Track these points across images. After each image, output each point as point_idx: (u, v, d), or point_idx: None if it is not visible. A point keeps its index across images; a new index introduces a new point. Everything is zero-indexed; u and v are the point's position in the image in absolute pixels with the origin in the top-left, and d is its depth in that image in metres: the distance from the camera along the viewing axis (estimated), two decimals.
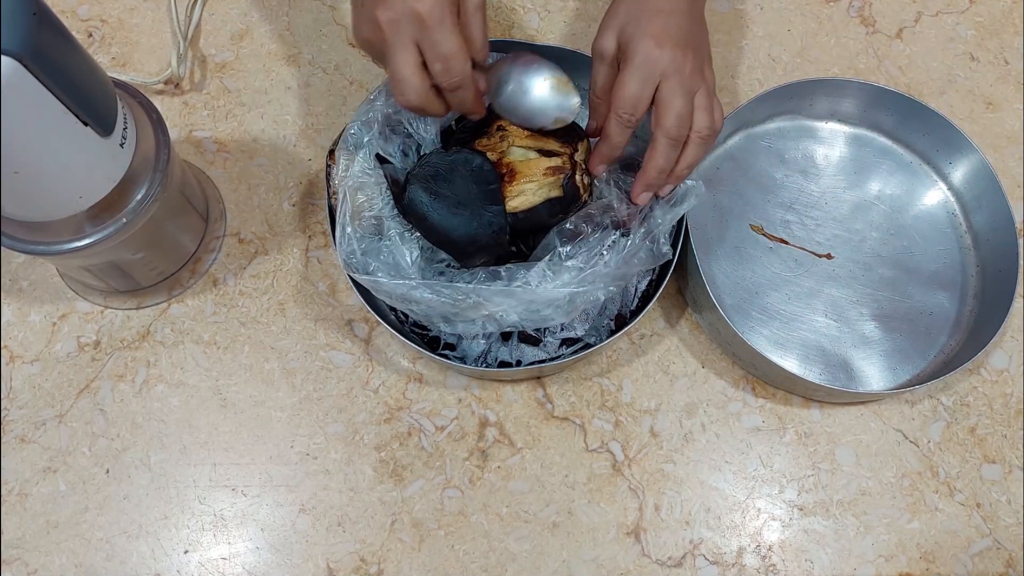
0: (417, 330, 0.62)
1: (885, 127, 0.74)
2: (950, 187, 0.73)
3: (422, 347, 0.60)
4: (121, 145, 0.53)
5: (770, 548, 0.62)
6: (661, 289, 0.61)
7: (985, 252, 0.70)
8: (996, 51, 0.80)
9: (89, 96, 0.49)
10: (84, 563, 0.60)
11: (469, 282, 0.55)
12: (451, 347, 0.61)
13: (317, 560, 0.61)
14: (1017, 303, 0.68)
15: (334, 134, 0.65)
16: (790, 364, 0.66)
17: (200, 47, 0.76)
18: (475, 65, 0.53)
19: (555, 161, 0.58)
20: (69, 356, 0.65)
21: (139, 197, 0.56)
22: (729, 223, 0.70)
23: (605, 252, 0.55)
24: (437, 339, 0.62)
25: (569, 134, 0.59)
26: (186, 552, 0.61)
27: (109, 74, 0.53)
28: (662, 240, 0.58)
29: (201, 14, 0.77)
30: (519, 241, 0.62)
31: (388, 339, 0.67)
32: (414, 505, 0.62)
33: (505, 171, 0.58)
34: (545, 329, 0.60)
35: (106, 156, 0.52)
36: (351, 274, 0.56)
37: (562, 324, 0.60)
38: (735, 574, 0.62)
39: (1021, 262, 0.65)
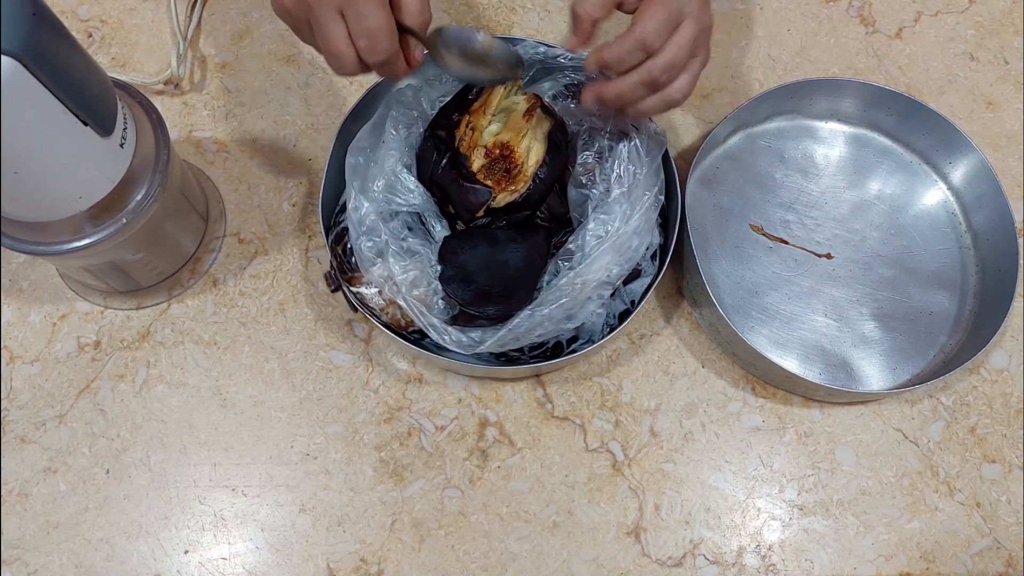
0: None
1: (885, 127, 0.74)
2: (950, 187, 0.73)
3: (421, 347, 0.60)
4: (121, 145, 0.53)
5: (770, 548, 0.62)
6: (673, 241, 0.62)
7: (985, 252, 0.70)
8: (996, 51, 0.80)
9: (89, 96, 0.49)
10: (84, 563, 0.60)
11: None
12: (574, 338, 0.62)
13: (317, 560, 0.61)
14: (1017, 303, 0.68)
15: (334, 134, 0.65)
16: (790, 364, 0.66)
17: (200, 47, 0.76)
18: (410, 31, 0.50)
19: (523, 105, 0.61)
20: (69, 356, 0.65)
21: (139, 197, 0.56)
22: (729, 223, 0.70)
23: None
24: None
25: (508, 77, 0.59)
26: (186, 552, 0.61)
27: (109, 74, 0.53)
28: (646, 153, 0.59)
29: (201, 14, 0.77)
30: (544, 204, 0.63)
31: (388, 339, 0.67)
32: (414, 505, 0.62)
33: (499, 151, 0.59)
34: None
35: (106, 156, 0.52)
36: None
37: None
38: (735, 574, 0.62)
39: (1021, 262, 0.65)
